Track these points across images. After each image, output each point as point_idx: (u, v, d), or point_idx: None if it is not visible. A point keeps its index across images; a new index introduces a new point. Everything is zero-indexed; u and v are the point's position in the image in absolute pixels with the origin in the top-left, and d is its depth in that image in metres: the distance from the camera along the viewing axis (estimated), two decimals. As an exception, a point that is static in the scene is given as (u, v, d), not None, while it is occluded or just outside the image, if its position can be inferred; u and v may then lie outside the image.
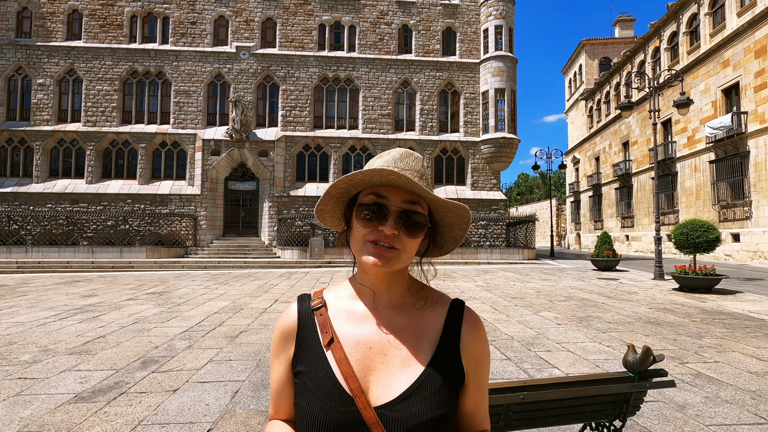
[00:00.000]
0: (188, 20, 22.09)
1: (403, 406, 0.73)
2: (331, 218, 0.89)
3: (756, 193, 16.43)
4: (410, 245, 0.79)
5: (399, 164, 0.79)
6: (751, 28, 16.82)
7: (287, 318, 0.85)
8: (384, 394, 0.75)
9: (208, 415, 3.09)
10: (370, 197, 0.79)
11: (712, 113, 19.09)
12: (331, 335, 0.80)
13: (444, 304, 0.85)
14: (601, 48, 34.84)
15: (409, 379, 0.76)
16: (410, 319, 0.82)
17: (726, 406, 3.24)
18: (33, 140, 20.96)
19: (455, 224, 0.85)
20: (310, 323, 0.83)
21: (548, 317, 6.72)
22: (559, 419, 2.03)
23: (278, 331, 0.85)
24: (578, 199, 36.45)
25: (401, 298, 0.84)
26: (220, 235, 21.29)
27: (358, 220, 0.80)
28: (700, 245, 9.21)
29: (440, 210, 0.82)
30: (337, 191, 0.82)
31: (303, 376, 0.79)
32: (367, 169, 0.75)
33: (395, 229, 0.76)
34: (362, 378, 0.76)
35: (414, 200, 0.79)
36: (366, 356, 0.78)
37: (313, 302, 0.86)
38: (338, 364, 0.77)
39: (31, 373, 3.99)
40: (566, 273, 14.19)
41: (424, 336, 0.81)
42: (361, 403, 0.73)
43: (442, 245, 0.89)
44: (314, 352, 0.80)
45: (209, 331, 5.75)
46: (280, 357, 0.84)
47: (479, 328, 0.84)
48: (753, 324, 6.19)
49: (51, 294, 9.35)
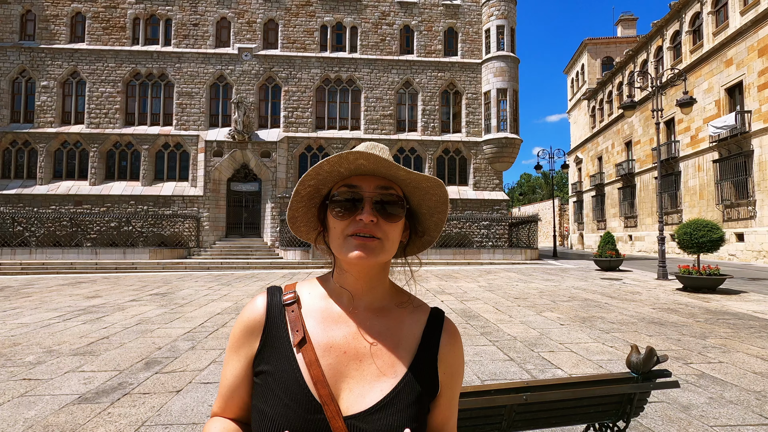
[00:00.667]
0: (190, 22, 22.17)
1: (375, 417, 0.68)
2: (305, 227, 0.83)
3: (760, 192, 16.34)
4: (392, 232, 0.74)
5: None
6: (754, 27, 16.74)
7: (253, 310, 0.77)
8: (356, 404, 0.69)
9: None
10: (342, 189, 0.74)
11: (715, 112, 19.01)
12: (303, 335, 0.73)
13: (424, 312, 0.81)
14: (604, 47, 34.75)
15: (384, 390, 0.70)
16: (389, 324, 0.77)
17: (730, 406, 3.22)
18: (37, 142, 21.07)
19: (434, 208, 0.80)
20: (280, 319, 0.76)
21: (551, 318, 6.70)
22: (563, 420, 2.02)
23: (242, 323, 0.77)
24: (581, 199, 36.35)
25: (381, 300, 0.79)
26: (222, 236, 21.34)
27: (332, 214, 0.74)
28: (704, 245, 9.17)
29: (417, 194, 0.78)
30: (307, 190, 0.77)
31: (266, 376, 0.72)
32: (334, 157, 0.70)
33: (373, 216, 0.72)
34: (333, 384, 0.70)
35: (388, 185, 0.75)
36: (339, 361, 0.72)
37: (285, 296, 0.79)
38: (308, 367, 0.70)
39: (36, 374, 4.01)
40: (569, 273, 14.15)
41: (403, 343, 0.76)
42: (330, 411, 0.67)
43: (423, 233, 0.84)
44: (282, 352, 0.73)
45: (212, 332, 5.76)
46: (239, 352, 0.76)
47: (457, 340, 0.80)
48: (758, 324, 6.15)
49: (55, 295, 9.39)
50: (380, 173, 0.74)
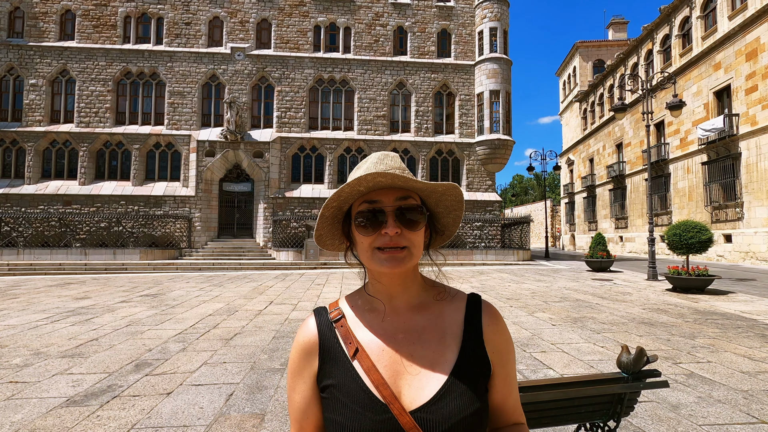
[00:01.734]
0: (182, 21, 22.00)
1: (438, 406, 0.73)
2: (331, 240, 0.89)
3: (747, 194, 16.60)
4: (416, 239, 0.79)
5: (380, 167, 0.79)
6: (742, 31, 17.02)
7: (307, 333, 0.83)
8: (417, 397, 0.74)
9: (202, 418, 3.07)
10: (363, 206, 0.79)
11: (704, 115, 19.28)
12: (356, 345, 0.79)
13: (461, 299, 0.86)
14: (595, 50, 35.10)
15: (441, 379, 0.75)
16: (430, 317, 0.82)
17: (719, 405, 3.27)
18: (25, 141, 20.75)
19: (451, 207, 0.86)
20: (332, 336, 0.82)
21: (543, 318, 6.75)
22: (554, 420, 2.03)
23: (298, 347, 0.83)
24: (573, 201, 36.65)
25: (418, 297, 0.84)
26: (214, 237, 21.18)
27: (358, 230, 0.79)
28: (693, 246, 9.29)
29: (433, 197, 0.83)
30: (330, 211, 0.82)
31: (332, 389, 0.77)
32: (353, 180, 0.75)
33: (397, 228, 0.76)
34: (393, 384, 0.75)
35: (406, 195, 0.79)
36: (393, 361, 0.77)
37: (332, 314, 0.85)
38: (367, 373, 0.76)
39: (23, 376, 3.95)
40: (561, 274, 14.25)
41: (447, 333, 0.80)
42: (396, 409, 0.72)
43: (443, 231, 0.90)
44: (341, 365, 0.78)
45: (204, 334, 5.71)
46: (303, 374, 0.81)
47: (499, 319, 0.84)
48: (745, 324, 6.25)
49: (43, 296, 9.25)
50: (397, 186, 0.79)
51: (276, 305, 8.12)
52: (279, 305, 8.11)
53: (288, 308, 7.77)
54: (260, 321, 6.60)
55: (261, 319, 6.72)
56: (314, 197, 21.53)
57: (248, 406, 3.27)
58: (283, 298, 9.13)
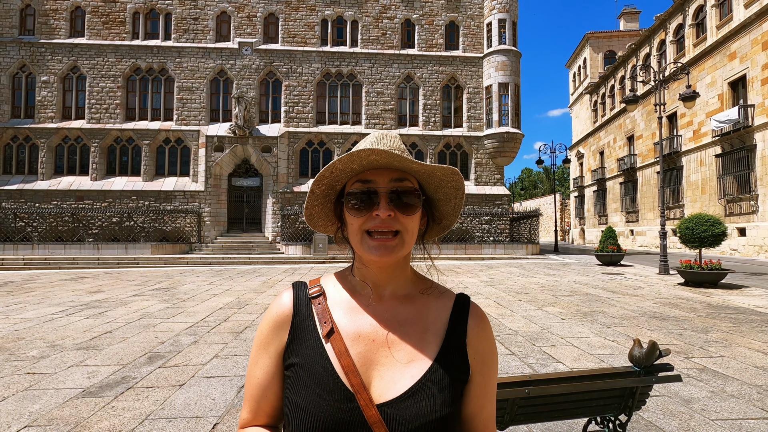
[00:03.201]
0: (190, 16, 22.06)
1: (407, 404, 0.68)
2: (323, 222, 0.84)
3: (762, 186, 16.29)
4: (410, 224, 0.74)
5: (377, 145, 0.74)
6: (758, 20, 16.60)
7: (281, 305, 0.78)
8: (387, 391, 0.69)
9: (214, 409, 3.11)
10: (356, 185, 0.74)
11: (718, 106, 18.91)
12: (331, 325, 0.74)
13: (449, 298, 0.81)
14: (606, 41, 34.50)
15: (415, 375, 0.70)
16: (415, 311, 0.77)
17: (732, 400, 3.23)
18: (38, 138, 21.06)
19: (451, 194, 0.80)
20: (307, 312, 0.77)
21: (552, 312, 6.71)
22: (564, 413, 2.03)
23: (269, 319, 0.78)
24: (582, 194, 36.28)
25: (405, 288, 0.79)
26: (224, 231, 21.37)
27: (348, 210, 0.74)
28: (706, 240, 9.15)
29: (432, 182, 0.77)
30: (322, 188, 0.78)
31: (297, 368, 0.72)
32: (345, 155, 0.70)
33: (390, 211, 0.71)
34: (364, 373, 0.70)
35: (402, 177, 0.74)
36: (368, 349, 0.72)
37: (311, 290, 0.79)
38: (338, 357, 0.70)
39: (39, 368, 4.04)
40: (570, 268, 14.15)
41: (430, 329, 0.76)
42: (363, 399, 0.67)
43: (440, 220, 0.84)
44: (311, 344, 0.73)
45: (214, 327, 5.79)
46: (268, 348, 0.76)
47: (486, 324, 0.79)
48: (759, 319, 6.16)
49: (57, 290, 9.43)
50: (393, 166, 0.74)
51: (285, 299, 8.17)
52: (288, 299, 8.17)
53: (297, 302, 7.82)
54: (270, 314, 6.65)
55: (271, 313, 6.77)
56: (322, 192, 21.54)
57: (259, 398, 3.30)
58: (292, 292, 9.19)
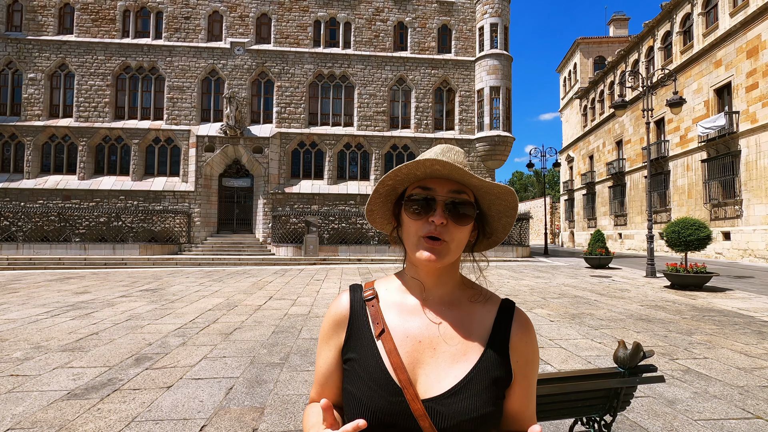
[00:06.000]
0: (182, 15, 21.89)
1: (450, 401, 0.74)
2: (381, 219, 0.91)
3: (746, 192, 16.62)
4: (459, 235, 0.79)
5: (442, 157, 0.80)
6: (743, 29, 16.97)
7: (339, 306, 0.87)
8: (432, 388, 0.75)
9: (202, 411, 3.09)
10: (417, 191, 0.80)
11: (704, 112, 19.26)
12: (383, 326, 0.81)
13: (494, 303, 0.86)
14: (596, 47, 34.98)
15: (458, 375, 0.76)
16: (461, 315, 0.83)
17: (714, 401, 3.30)
18: (24, 135, 20.71)
19: (503, 212, 0.85)
20: (362, 313, 0.85)
21: (541, 314, 6.77)
22: (551, 414, 2.06)
23: (330, 318, 0.87)
24: (572, 198, 36.66)
25: (452, 294, 0.85)
26: (214, 232, 21.19)
27: (407, 213, 0.81)
28: (691, 243, 9.31)
29: (487, 198, 0.83)
30: (385, 188, 0.84)
31: (353, 363, 0.80)
32: (411, 162, 0.77)
33: (444, 218, 0.77)
34: (411, 370, 0.77)
35: (460, 189, 0.80)
36: (415, 349, 0.79)
37: (365, 293, 0.87)
38: (388, 355, 0.78)
39: (23, 370, 3.97)
40: (560, 270, 14.29)
41: (474, 333, 0.81)
42: (410, 394, 0.74)
43: (491, 235, 0.90)
44: (365, 341, 0.81)
45: (203, 328, 5.74)
46: (329, 343, 0.86)
47: (530, 330, 0.84)
48: (742, 321, 6.28)
49: (43, 291, 9.27)
50: (453, 178, 0.80)
51: (275, 300, 8.14)
52: (278, 300, 8.13)
53: (287, 303, 7.79)
54: (260, 316, 6.62)
55: (260, 314, 6.74)
56: (314, 193, 21.52)
57: (248, 400, 3.29)
58: (282, 293, 9.16)
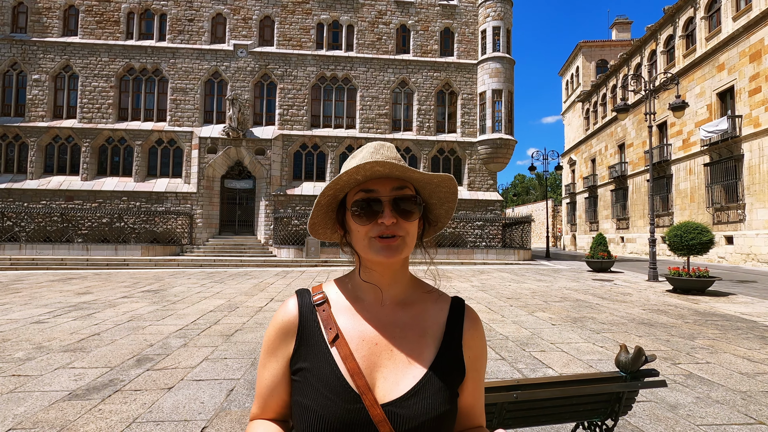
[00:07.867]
0: (185, 17, 22.00)
1: (410, 403, 0.73)
2: (323, 230, 0.89)
3: (749, 196, 16.56)
4: (411, 229, 0.80)
5: (377, 156, 0.79)
6: (746, 33, 16.95)
7: (286, 313, 0.82)
8: (391, 391, 0.74)
9: (203, 413, 3.09)
10: (359, 195, 0.79)
11: (707, 116, 19.23)
12: (336, 331, 0.78)
13: (445, 301, 0.87)
14: (598, 50, 34.99)
15: (416, 376, 0.76)
16: (414, 315, 0.83)
17: (717, 406, 3.28)
18: (27, 136, 20.80)
19: (444, 198, 0.86)
20: (312, 319, 0.81)
21: (543, 318, 6.76)
22: (552, 418, 2.05)
23: (276, 326, 0.82)
24: (574, 201, 36.60)
25: (405, 293, 0.84)
26: (216, 234, 21.22)
27: (354, 219, 0.79)
28: (694, 247, 9.28)
29: (428, 188, 0.83)
30: (327, 199, 0.82)
31: (305, 373, 0.77)
32: (351, 168, 0.74)
33: (393, 218, 0.77)
34: (368, 375, 0.75)
35: (401, 185, 0.80)
36: (372, 352, 0.77)
37: (314, 297, 0.84)
38: (344, 361, 0.75)
39: (25, 370, 3.98)
40: (561, 274, 14.25)
41: (428, 332, 0.81)
42: (369, 400, 0.72)
43: (435, 222, 0.91)
44: (318, 349, 0.78)
45: (204, 330, 5.74)
46: (276, 354, 0.81)
47: (479, 325, 0.86)
48: (745, 326, 6.25)
49: (45, 291, 9.30)
50: (395, 176, 0.79)
51: (276, 302, 8.14)
52: (280, 302, 8.14)
53: (289, 305, 7.78)
54: (261, 317, 6.62)
55: (261, 316, 6.75)
56: (316, 195, 21.42)
57: (249, 402, 3.29)
58: (283, 295, 9.16)
